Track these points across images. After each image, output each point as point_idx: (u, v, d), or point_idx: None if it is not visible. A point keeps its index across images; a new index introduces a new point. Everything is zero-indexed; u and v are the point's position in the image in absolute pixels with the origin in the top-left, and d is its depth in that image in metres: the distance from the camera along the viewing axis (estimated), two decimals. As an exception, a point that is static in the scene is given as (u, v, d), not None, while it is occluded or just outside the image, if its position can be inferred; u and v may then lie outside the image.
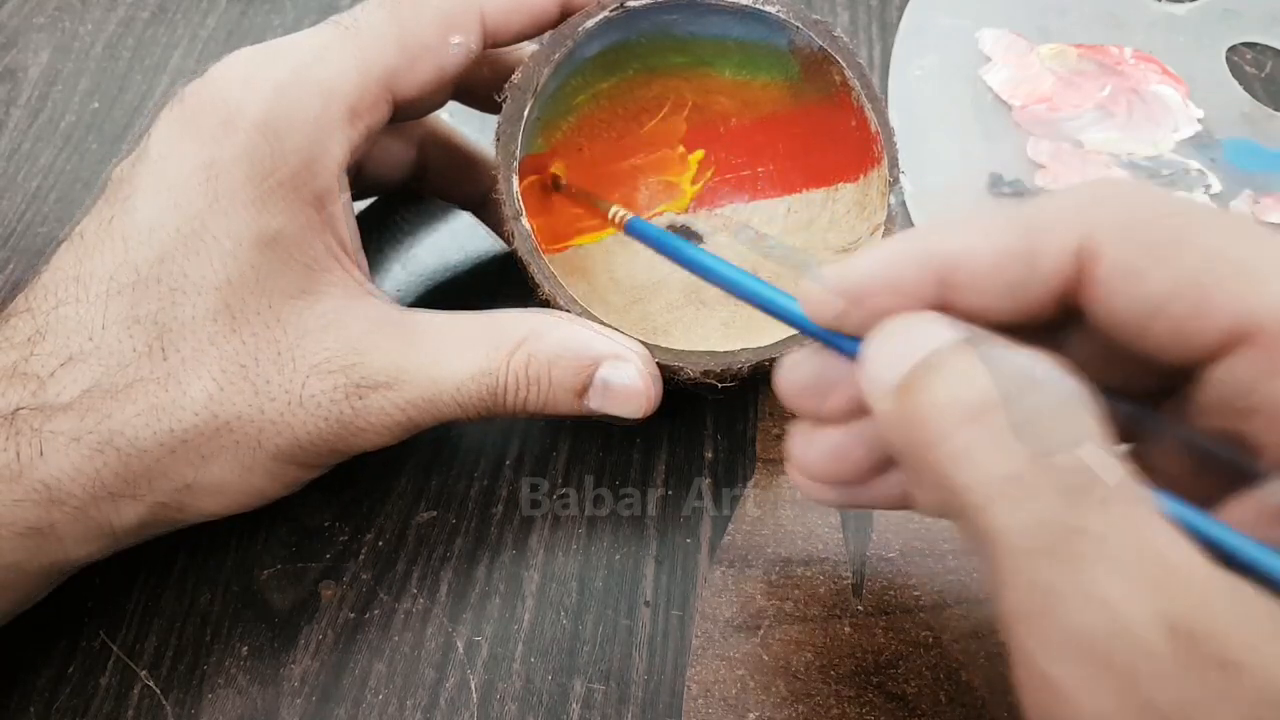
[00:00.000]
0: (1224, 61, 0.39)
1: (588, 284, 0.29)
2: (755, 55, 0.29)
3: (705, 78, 0.30)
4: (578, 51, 0.27)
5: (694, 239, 0.31)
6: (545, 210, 0.29)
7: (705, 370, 0.25)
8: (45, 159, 0.35)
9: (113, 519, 0.22)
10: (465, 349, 0.23)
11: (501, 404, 0.24)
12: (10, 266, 0.32)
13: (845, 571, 0.26)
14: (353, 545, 0.26)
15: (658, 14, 0.27)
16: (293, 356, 0.22)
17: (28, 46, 0.39)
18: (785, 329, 0.25)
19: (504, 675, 0.24)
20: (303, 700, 0.24)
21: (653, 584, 0.26)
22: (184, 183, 0.22)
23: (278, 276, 0.22)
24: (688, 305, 0.29)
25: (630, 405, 0.24)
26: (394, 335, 0.23)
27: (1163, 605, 0.13)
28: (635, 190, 0.31)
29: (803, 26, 0.27)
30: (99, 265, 0.22)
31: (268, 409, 0.22)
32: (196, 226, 0.22)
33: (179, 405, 0.21)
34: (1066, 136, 0.37)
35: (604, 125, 0.30)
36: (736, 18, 0.28)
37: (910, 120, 0.37)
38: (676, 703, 0.24)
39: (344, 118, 0.23)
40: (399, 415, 0.23)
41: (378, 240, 0.33)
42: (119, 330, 0.21)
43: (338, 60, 0.23)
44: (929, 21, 0.41)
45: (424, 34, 0.24)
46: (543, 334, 0.24)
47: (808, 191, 0.30)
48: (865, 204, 0.28)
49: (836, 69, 0.28)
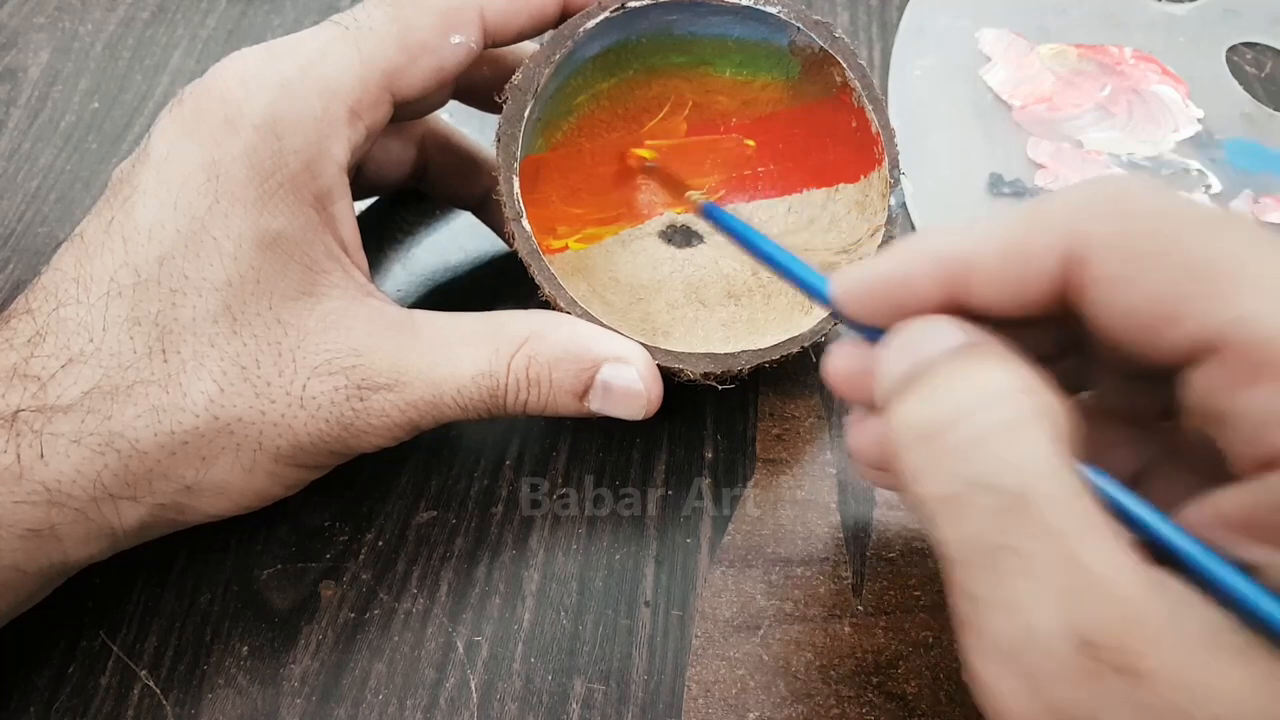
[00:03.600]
0: (1224, 61, 0.40)
1: (588, 284, 0.29)
2: (755, 55, 0.29)
3: (705, 77, 0.30)
4: (578, 52, 0.27)
5: (695, 239, 0.31)
6: (542, 204, 0.29)
7: (706, 372, 0.25)
8: (45, 159, 0.35)
9: (113, 521, 0.22)
10: (466, 350, 0.23)
11: (502, 405, 0.24)
12: (10, 266, 0.32)
13: (845, 571, 0.26)
14: (353, 545, 0.26)
15: (658, 14, 0.27)
16: (294, 358, 0.22)
17: (28, 46, 0.39)
18: (785, 330, 0.26)
19: (504, 675, 0.24)
20: (303, 700, 0.24)
21: (653, 584, 0.26)
22: (185, 183, 0.22)
23: (279, 278, 0.22)
24: (688, 305, 0.29)
25: (631, 407, 0.24)
26: (395, 336, 0.23)
27: (1073, 616, 0.14)
28: (638, 190, 0.31)
29: (803, 27, 0.27)
30: (99, 267, 0.22)
31: (269, 411, 0.22)
32: (197, 227, 0.22)
33: (180, 407, 0.21)
34: (1066, 136, 0.37)
35: (604, 125, 0.30)
36: (737, 18, 0.28)
37: (910, 120, 0.37)
38: (676, 703, 0.24)
39: (345, 117, 0.23)
40: (400, 416, 0.23)
41: (378, 240, 0.33)
42: (119, 332, 0.21)
43: (338, 60, 0.23)
44: (929, 21, 0.41)
45: (424, 33, 0.24)
46: (544, 335, 0.24)
47: (808, 191, 0.30)
48: (865, 205, 0.28)
49: (837, 69, 0.28)
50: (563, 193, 0.30)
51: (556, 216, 0.29)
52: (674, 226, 0.31)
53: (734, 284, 0.30)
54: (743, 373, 0.25)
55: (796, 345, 0.26)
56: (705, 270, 0.30)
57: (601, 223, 0.30)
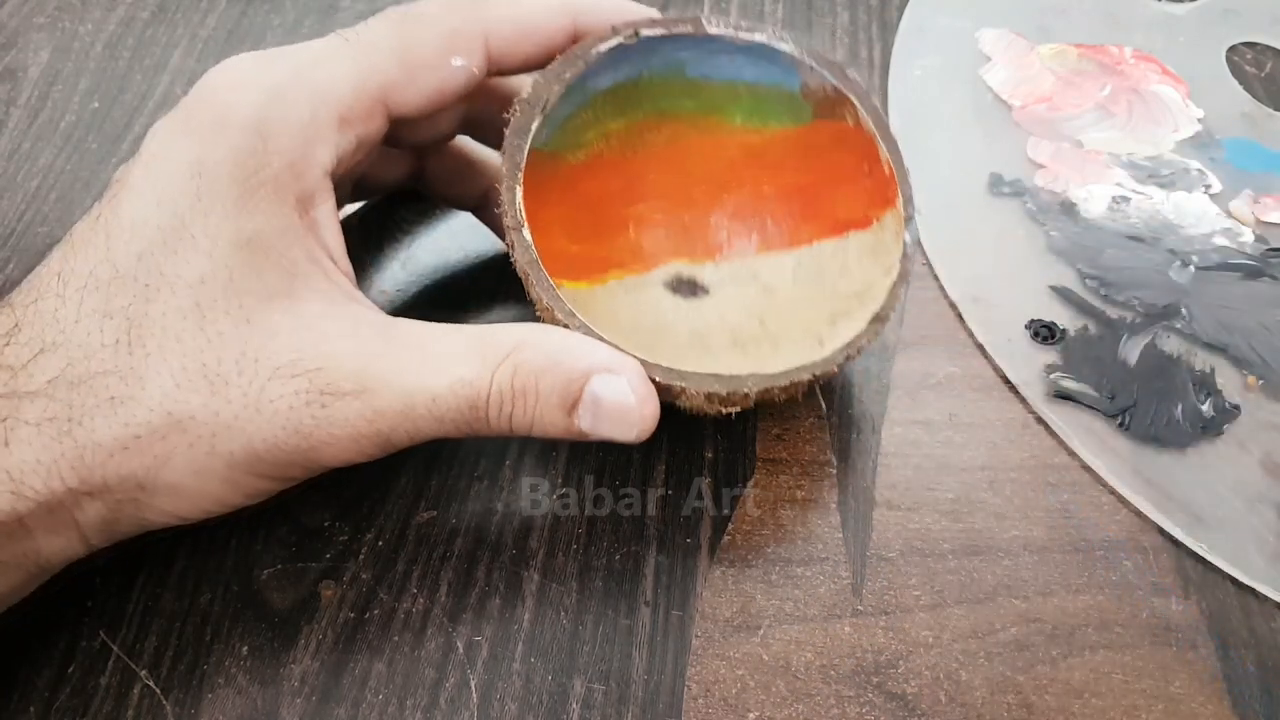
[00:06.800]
0: (1224, 61, 0.40)
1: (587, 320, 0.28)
2: (767, 101, 0.28)
3: (716, 125, 0.29)
4: (590, 79, 0.26)
5: (700, 291, 0.30)
6: (545, 235, 0.28)
7: (710, 393, 0.23)
8: (45, 159, 0.35)
9: (76, 514, 0.22)
10: (447, 359, 0.22)
11: (484, 419, 0.23)
12: (10, 266, 0.32)
13: (845, 571, 0.26)
14: (353, 545, 0.26)
15: (671, 49, 0.27)
16: (256, 358, 0.22)
17: (28, 46, 0.39)
18: (793, 360, 0.25)
19: (504, 675, 0.24)
20: (303, 700, 0.24)
21: (653, 584, 0.26)
22: (170, 181, 0.22)
23: (253, 277, 0.22)
24: (691, 350, 0.28)
25: (623, 425, 0.23)
26: (370, 341, 0.22)
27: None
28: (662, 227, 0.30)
29: (816, 65, 0.27)
30: (81, 262, 0.22)
31: (223, 411, 0.21)
32: (177, 224, 0.22)
33: (136, 399, 0.21)
34: (1066, 136, 0.37)
35: (612, 168, 0.29)
36: (749, 57, 0.27)
37: (910, 120, 0.37)
38: (676, 703, 0.24)
39: (334, 123, 0.23)
40: (366, 427, 0.22)
41: (378, 240, 0.33)
42: (90, 324, 0.21)
43: (333, 67, 0.23)
44: (929, 21, 0.41)
45: (425, 51, 0.24)
46: (533, 344, 0.23)
47: (818, 243, 0.29)
48: (879, 248, 0.27)
49: (850, 110, 0.27)
50: (567, 229, 0.29)
51: (557, 251, 0.29)
52: (680, 278, 0.30)
53: (740, 334, 0.28)
54: (749, 396, 0.24)
55: (807, 374, 0.24)
56: (710, 321, 0.29)
57: (603, 266, 0.29)
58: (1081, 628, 0.25)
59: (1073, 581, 0.26)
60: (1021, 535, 0.27)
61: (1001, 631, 0.25)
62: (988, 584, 0.26)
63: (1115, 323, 0.31)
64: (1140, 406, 0.29)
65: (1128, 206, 0.34)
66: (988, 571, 0.26)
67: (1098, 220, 0.34)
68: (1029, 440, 0.29)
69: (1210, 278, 0.33)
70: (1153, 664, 0.25)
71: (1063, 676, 0.24)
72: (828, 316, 0.27)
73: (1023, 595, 0.26)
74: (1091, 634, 0.25)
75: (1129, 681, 0.24)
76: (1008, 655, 0.25)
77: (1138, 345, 0.31)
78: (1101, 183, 0.35)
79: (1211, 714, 0.24)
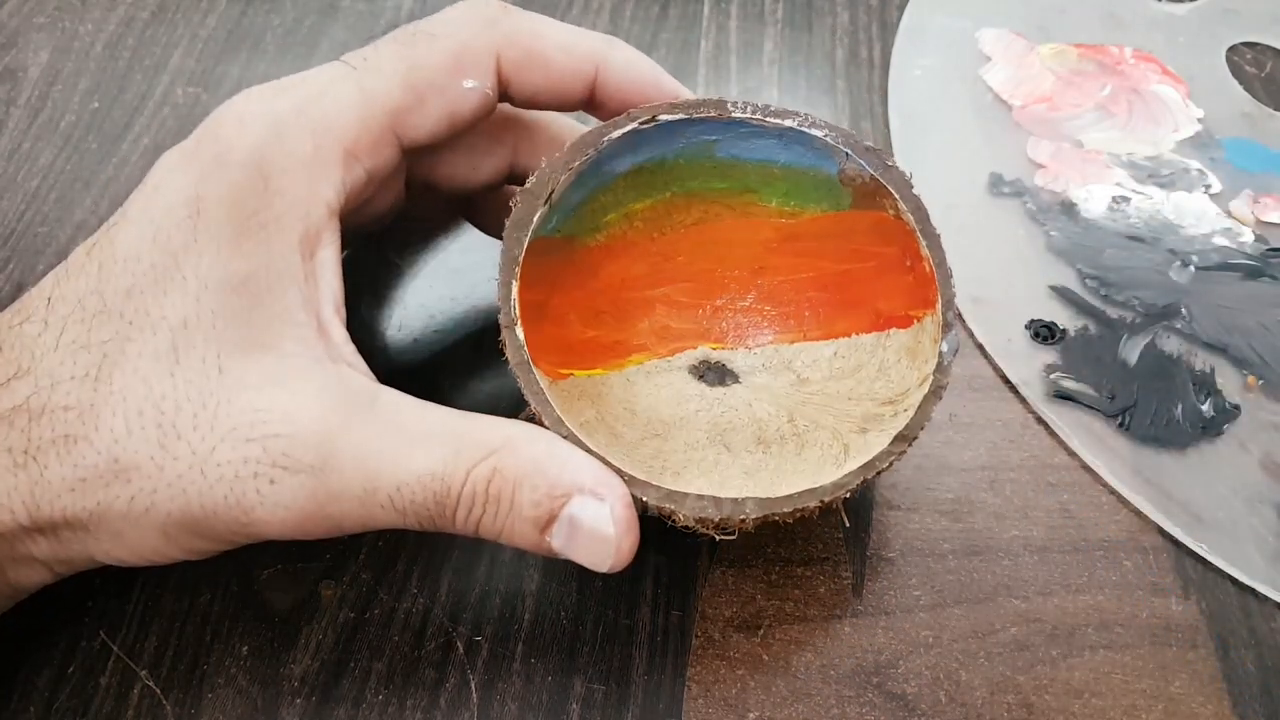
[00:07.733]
0: (1224, 61, 0.40)
1: (596, 411, 0.26)
2: (803, 183, 0.27)
3: (749, 205, 0.28)
4: (605, 164, 0.25)
5: (730, 378, 0.28)
6: (558, 322, 0.27)
7: (701, 517, 0.22)
8: (45, 159, 0.35)
9: (31, 548, 0.21)
10: (422, 445, 0.21)
11: (450, 519, 0.21)
12: (10, 266, 0.32)
13: (845, 571, 0.26)
14: (353, 545, 0.26)
15: (695, 132, 0.25)
16: (215, 414, 0.20)
17: (28, 46, 0.39)
18: (807, 481, 0.23)
19: (504, 675, 0.24)
20: (303, 700, 0.24)
21: (653, 584, 0.26)
22: (167, 216, 0.21)
23: (237, 325, 0.21)
24: (710, 447, 0.26)
25: (598, 554, 0.21)
26: (342, 411, 0.21)
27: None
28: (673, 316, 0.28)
29: (852, 153, 0.25)
30: (70, 289, 0.21)
31: (168, 467, 0.20)
32: (170, 263, 0.21)
33: (87, 440, 0.20)
34: (1066, 136, 0.37)
35: (637, 249, 0.28)
36: (780, 141, 0.26)
37: (910, 120, 0.37)
38: (676, 703, 0.24)
39: (339, 158, 0.22)
40: (314, 510, 0.20)
41: (376, 254, 0.32)
42: (65, 354, 0.20)
43: (338, 98, 0.22)
44: (929, 21, 0.41)
45: (433, 72, 0.23)
46: (516, 448, 0.21)
47: (857, 336, 0.27)
48: (917, 351, 0.26)
49: (890, 201, 0.25)
50: (583, 315, 0.27)
51: (572, 337, 0.27)
52: (707, 363, 0.28)
53: (766, 430, 0.26)
54: (746, 524, 0.22)
55: (814, 499, 0.22)
56: (736, 412, 0.27)
57: (624, 351, 0.28)
58: (1081, 628, 0.25)
59: (1073, 581, 0.26)
60: (1021, 535, 0.27)
61: (1001, 631, 0.25)
62: (988, 584, 0.26)
63: (1115, 323, 0.31)
64: (1140, 406, 0.29)
65: (1128, 206, 0.34)
66: (988, 571, 0.26)
67: (1098, 220, 0.34)
68: (1029, 440, 0.29)
69: (1210, 278, 0.33)
70: (1153, 664, 0.25)
71: (1063, 676, 0.24)
72: (859, 421, 0.25)
73: (1023, 595, 0.26)
74: (1091, 634, 0.25)
75: (1129, 681, 0.24)
76: (1008, 655, 0.25)
77: (1138, 345, 0.31)
78: (1101, 183, 0.35)
79: (1211, 714, 0.24)
